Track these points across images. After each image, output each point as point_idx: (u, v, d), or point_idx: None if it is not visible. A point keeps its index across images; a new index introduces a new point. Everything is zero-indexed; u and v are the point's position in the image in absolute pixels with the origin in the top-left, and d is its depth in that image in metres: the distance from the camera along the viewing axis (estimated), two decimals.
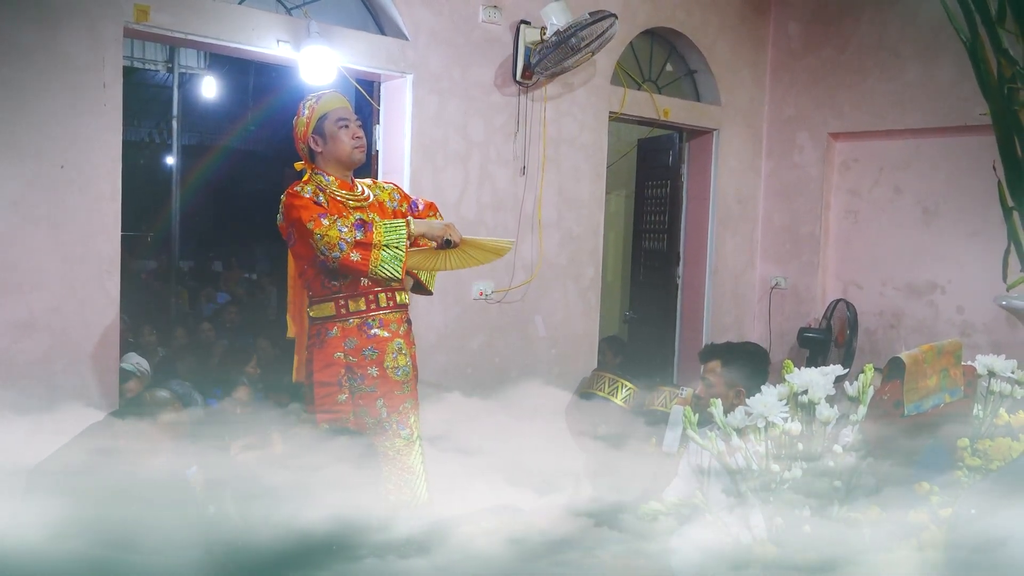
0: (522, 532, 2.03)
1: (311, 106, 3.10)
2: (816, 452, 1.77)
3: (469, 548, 1.93)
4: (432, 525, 1.98)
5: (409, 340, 3.23)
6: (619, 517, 2.02)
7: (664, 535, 1.91)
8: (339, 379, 3.06)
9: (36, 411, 3.28)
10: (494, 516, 2.10)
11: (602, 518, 2.07)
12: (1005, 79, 1.32)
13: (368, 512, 2.23)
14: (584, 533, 2.02)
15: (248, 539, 1.97)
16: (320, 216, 2.92)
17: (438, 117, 4.43)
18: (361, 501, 2.27)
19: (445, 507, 2.59)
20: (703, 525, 1.82)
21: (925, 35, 5.32)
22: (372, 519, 1.99)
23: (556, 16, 4.47)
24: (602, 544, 1.96)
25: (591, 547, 1.95)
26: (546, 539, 1.99)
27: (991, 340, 5.07)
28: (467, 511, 2.11)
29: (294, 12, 4.09)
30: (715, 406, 1.82)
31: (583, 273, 5.15)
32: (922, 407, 1.88)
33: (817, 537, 1.65)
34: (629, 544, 1.91)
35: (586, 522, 2.07)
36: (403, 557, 1.87)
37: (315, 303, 3.11)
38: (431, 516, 2.01)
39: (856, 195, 5.82)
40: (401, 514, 2.76)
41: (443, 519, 2.01)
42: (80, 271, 3.43)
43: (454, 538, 1.95)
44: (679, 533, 1.81)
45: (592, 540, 1.99)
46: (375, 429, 3.05)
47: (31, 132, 3.29)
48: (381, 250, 2.93)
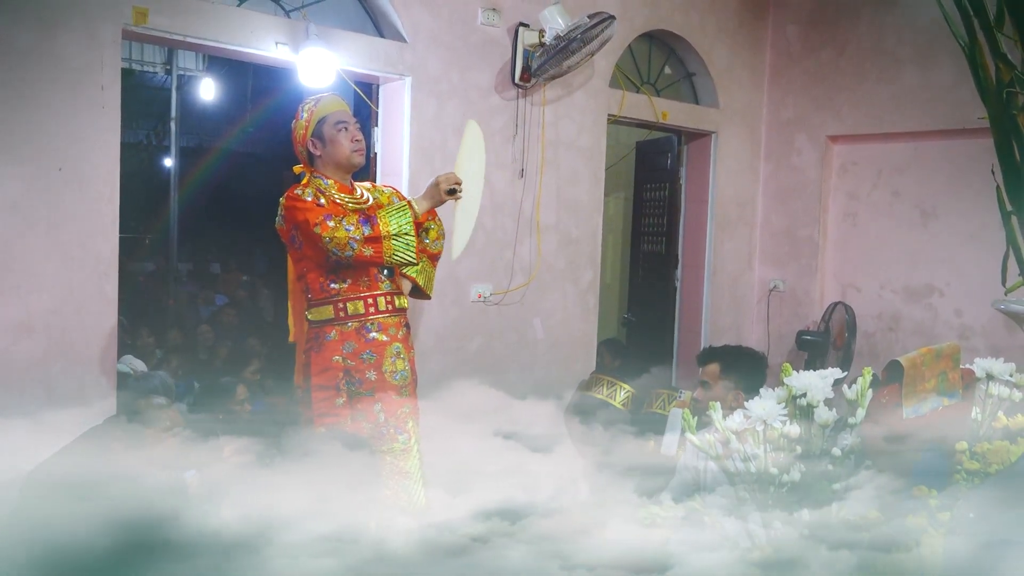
0: (434, 532, 2.02)
1: (309, 109, 3.09)
2: (815, 455, 1.76)
3: (381, 548, 1.92)
4: (343, 525, 1.96)
5: (408, 344, 3.22)
6: (530, 517, 2.03)
7: (577, 535, 1.92)
8: (337, 383, 3.05)
9: (33, 412, 3.27)
10: (406, 516, 2.08)
11: (514, 518, 2.08)
12: (1003, 84, 1.32)
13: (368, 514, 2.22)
14: (496, 533, 2.01)
15: (144, 537, 1.96)
16: (325, 218, 2.90)
17: (437, 119, 4.43)
18: (360, 503, 2.26)
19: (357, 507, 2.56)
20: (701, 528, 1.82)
21: (923, 38, 5.33)
22: (280, 520, 1.98)
23: (555, 19, 4.47)
24: (513, 544, 1.96)
25: (503, 547, 1.94)
26: (458, 539, 1.99)
27: (989, 343, 5.07)
28: (379, 511, 2.09)
29: (293, 14, 4.09)
30: (714, 409, 1.82)
31: (582, 275, 5.15)
32: (920, 410, 1.88)
33: None
34: (540, 545, 1.92)
35: (498, 522, 2.06)
36: (314, 557, 1.86)
37: (313, 306, 3.09)
38: (339, 516, 1.99)
39: (854, 198, 5.83)
40: (399, 518, 2.75)
41: (354, 518, 1.98)
42: (78, 273, 3.42)
43: (365, 538, 1.94)
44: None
45: (504, 540, 1.98)
46: (373, 434, 3.03)
47: (29, 134, 3.29)
48: (391, 240, 2.94)
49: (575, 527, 1.99)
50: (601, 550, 1.86)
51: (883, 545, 1.64)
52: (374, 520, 2.26)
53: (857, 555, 1.65)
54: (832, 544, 1.67)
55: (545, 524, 2.02)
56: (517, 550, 1.92)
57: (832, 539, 1.69)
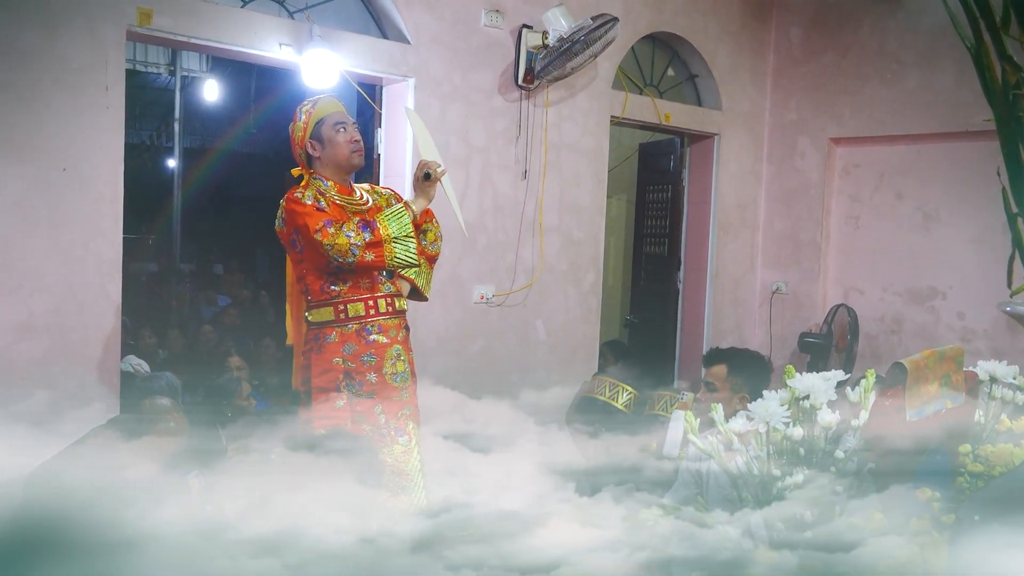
0: (375, 532, 2.01)
1: (307, 111, 3.07)
2: (818, 457, 1.76)
3: (321, 548, 1.91)
4: (284, 524, 1.96)
5: (407, 346, 3.21)
6: (470, 517, 2.03)
7: (516, 536, 1.92)
8: (337, 385, 3.03)
9: (35, 413, 3.28)
10: (347, 515, 2.07)
11: (454, 519, 2.07)
12: (1009, 85, 1.32)
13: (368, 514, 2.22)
14: (436, 534, 2.01)
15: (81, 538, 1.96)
16: (325, 225, 2.89)
17: (439, 121, 4.43)
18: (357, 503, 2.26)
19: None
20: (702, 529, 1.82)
21: (925, 41, 5.33)
22: (228, 520, 1.98)
23: (558, 20, 4.47)
24: (453, 545, 1.96)
25: (443, 548, 1.94)
26: (399, 539, 1.98)
27: (992, 346, 5.06)
28: (320, 510, 2.08)
29: (296, 16, 4.10)
30: (716, 411, 1.82)
31: (584, 277, 5.15)
32: (924, 413, 1.87)
33: None
34: (480, 545, 1.92)
35: (438, 522, 2.06)
36: (254, 557, 1.85)
37: (313, 307, 3.08)
38: (280, 516, 1.98)
39: (857, 200, 5.82)
40: (399, 520, 2.75)
41: (295, 518, 1.98)
42: (81, 273, 3.43)
43: (306, 538, 1.93)
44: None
45: (444, 541, 1.98)
46: (373, 435, 3.02)
47: (33, 134, 3.29)
48: (392, 243, 2.95)
49: (516, 527, 1.99)
50: (542, 550, 1.86)
51: (825, 545, 1.65)
52: (375, 520, 2.26)
53: (798, 555, 1.65)
54: (774, 544, 1.68)
55: (486, 524, 2.02)
56: (458, 550, 1.92)
57: (774, 539, 1.69)
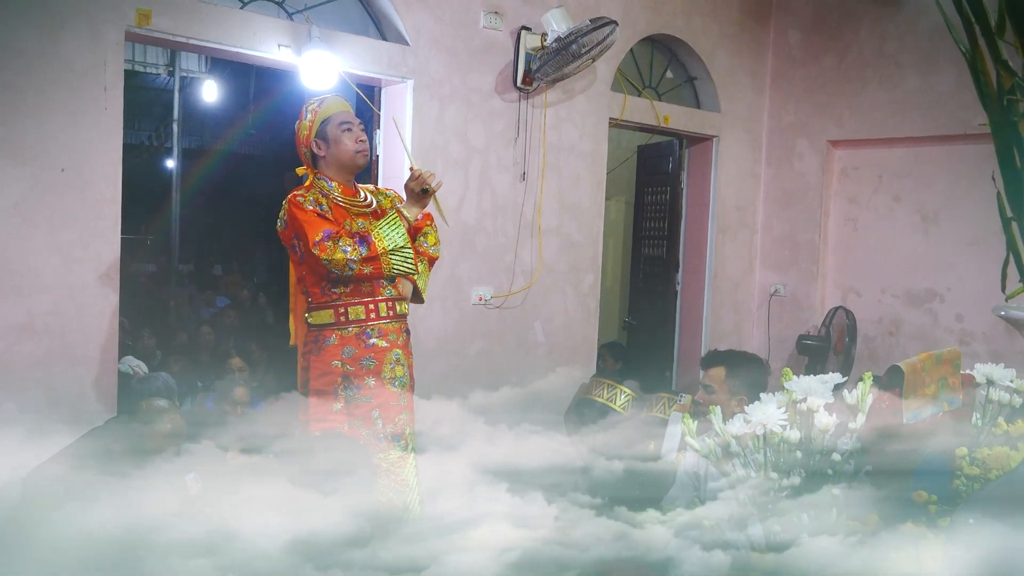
0: (306, 532, 2.02)
1: (313, 110, 3.07)
2: (814, 460, 1.77)
3: (253, 548, 1.91)
4: (219, 525, 1.96)
5: (407, 350, 3.19)
6: (401, 517, 2.03)
7: (446, 534, 1.92)
8: (335, 388, 3.01)
9: (34, 414, 3.28)
10: (278, 516, 2.07)
11: (385, 518, 2.07)
12: (1004, 90, 1.33)
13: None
14: (366, 534, 2.01)
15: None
16: (324, 239, 2.88)
17: (439, 122, 4.44)
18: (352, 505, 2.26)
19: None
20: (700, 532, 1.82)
21: (924, 44, 5.34)
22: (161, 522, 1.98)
23: (557, 22, 4.48)
24: (384, 545, 1.96)
25: (374, 548, 1.94)
26: (328, 540, 1.98)
27: (990, 349, 5.07)
28: (250, 511, 2.09)
29: (295, 17, 4.10)
30: (714, 413, 1.82)
31: (582, 279, 5.16)
32: (921, 415, 1.88)
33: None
34: (408, 545, 1.92)
35: (368, 523, 2.06)
36: (185, 559, 1.86)
37: (313, 309, 3.06)
38: (217, 517, 1.98)
39: (855, 203, 5.83)
40: (393, 524, 2.75)
41: (227, 519, 1.98)
42: (80, 274, 3.43)
43: (238, 538, 1.93)
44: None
45: (374, 541, 1.98)
46: (369, 440, 3.00)
47: (32, 135, 3.30)
48: (389, 256, 2.95)
49: (447, 527, 1.99)
50: (473, 550, 1.87)
51: (759, 545, 1.65)
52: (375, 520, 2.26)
53: (731, 555, 1.65)
54: (706, 544, 1.68)
55: (418, 525, 2.02)
56: (391, 550, 1.92)
57: (706, 539, 1.70)
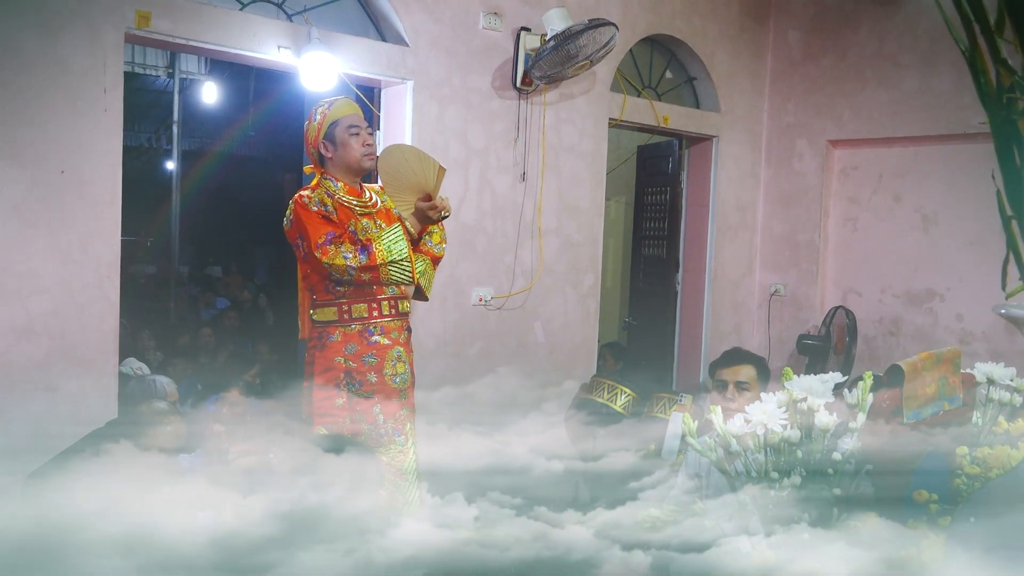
0: (224, 532, 2.01)
1: (323, 112, 3.14)
2: (815, 459, 1.77)
3: (172, 548, 1.91)
4: (136, 525, 1.96)
5: (409, 348, 3.27)
6: (323, 517, 2.02)
7: (370, 537, 1.92)
8: (338, 383, 3.09)
9: (34, 416, 3.28)
10: (196, 516, 2.07)
11: (306, 518, 2.07)
12: (1004, 89, 1.33)
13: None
14: (287, 534, 2.01)
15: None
16: (326, 242, 2.95)
17: (438, 123, 4.44)
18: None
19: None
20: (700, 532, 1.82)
21: (923, 44, 5.34)
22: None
23: (557, 22, 4.48)
24: (305, 545, 1.96)
25: (295, 548, 1.94)
26: (248, 540, 1.98)
27: (990, 348, 5.07)
28: (171, 510, 2.09)
29: (295, 18, 4.10)
30: (715, 412, 1.82)
31: (583, 279, 5.16)
32: (921, 415, 1.88)
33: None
34: (330, 545, 1.92)
35: (288, 523, 2.06)
36: (104, 558, 1.85)
37: (318, 306, 3.13)
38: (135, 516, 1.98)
39: (855, 203, 5.83)
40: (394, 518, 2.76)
41: (147, 518, 1.98)
42: (79, 275, 3.43)
43: (157, 538, 1.93)
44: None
45: (296, 541, 1.98)
46: (371, 435, 3.08)
47: (31, 137, 3.30)
48: (387, 267, 3.00)
49: (369, 526, 2.00)
50: (394, 550, 1.87)
51: (679, 546, 1.66)
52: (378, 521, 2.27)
53: (651, 555, 1.66)
54: (626, 544, 1.68)
55: (339, 524, 2.02)
56: (310, 550, 1.92)
57: (626, 539, 1.70)
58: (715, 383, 2.97)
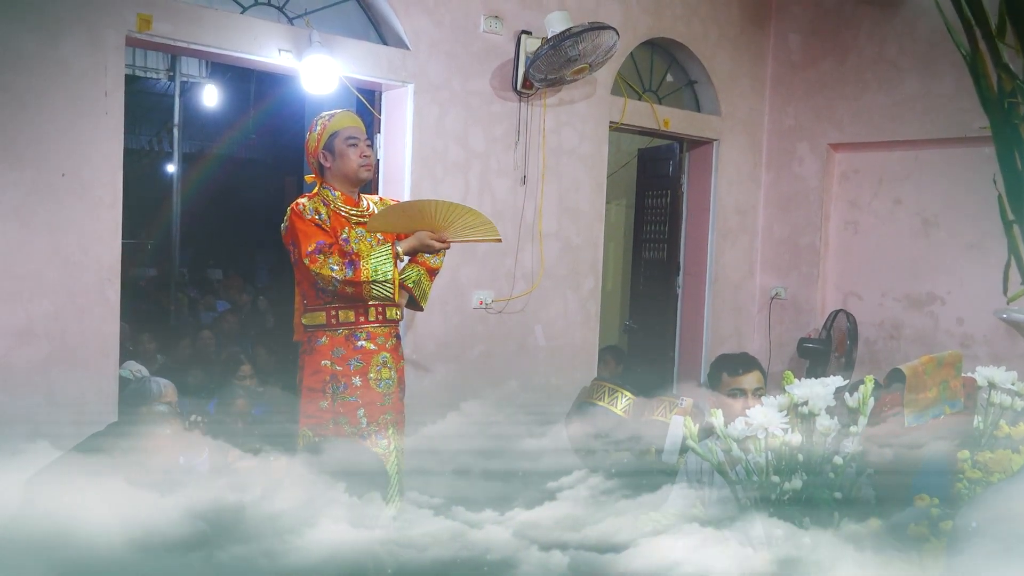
0: (142, 533, 2.01)
1: (323, 123, 3.23)
2: (816, 463, 1.76)
3: (91, 548, 1.91)
4: (54, 526, 1.96)
5: (397, 354, 3.34)
6: (241, 518, 2.02)
7: (284, 535, 1.92)
8: (323, 386, 3.17)
9: (34, 418, 3.28)
10: (117, 517, 2.06)
11: (224, 519, 2.07)
12: (1005, 93, 1.33)
13: None
14: (206, 534, 2.01)
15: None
16: (315, 251, 3.05)
17: (439, 126, 4.44)
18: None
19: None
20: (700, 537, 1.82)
21: (924, 48, 5.34)
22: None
23: (558, 25, 4.47)
24: (224, 545, 1.96)
25: (213, 548, 1.94)
26: (167, 540, 1.98)
27: (991, 352, 5.07)
28: (91, 513, 2.08)
29: (296, 21, 4.11)
30: (715, 416, 1.82)
31: (583, 283, 5.16)
32: (922, 418, 1.87)
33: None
34: (251, 544, 1.92)
35: (207, 523, 2.06)
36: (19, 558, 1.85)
37: (308, 311, 3.23)
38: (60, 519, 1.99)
39: (856, 206, 5.83)
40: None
41: (65, 521, 1.98)
42: (80, 278, 3.43)
43: (76, 538, 1.93)
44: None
45: (214, 541, 1.98)
46: (354, 437, 3.16)
47: (32, 139, 3.30)
48: (370, 284, 3.08)
49: (285, 527, 1.99)
50: (309, 550, 1.87)
51: (597, 545, 1.66)
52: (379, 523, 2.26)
53: (569, 555, 1.66)
54: (544, 544, 1.68)
55: (256, 524, 2.02)
56: (228, 551, 1.92)
57: (544, 539, 1.70)
58: (730, 391, 2.86)
